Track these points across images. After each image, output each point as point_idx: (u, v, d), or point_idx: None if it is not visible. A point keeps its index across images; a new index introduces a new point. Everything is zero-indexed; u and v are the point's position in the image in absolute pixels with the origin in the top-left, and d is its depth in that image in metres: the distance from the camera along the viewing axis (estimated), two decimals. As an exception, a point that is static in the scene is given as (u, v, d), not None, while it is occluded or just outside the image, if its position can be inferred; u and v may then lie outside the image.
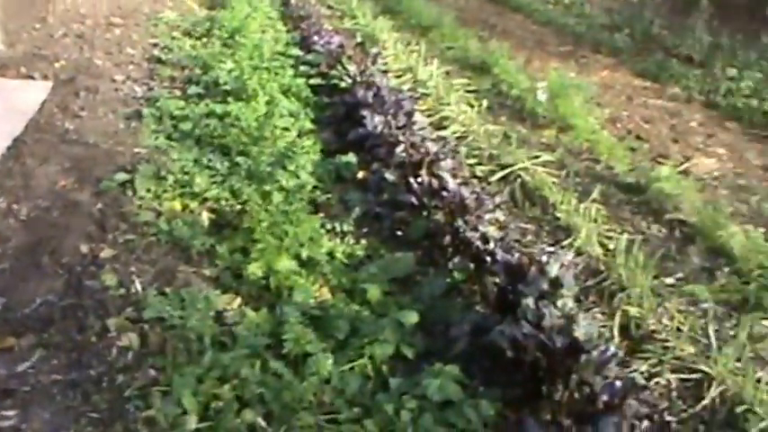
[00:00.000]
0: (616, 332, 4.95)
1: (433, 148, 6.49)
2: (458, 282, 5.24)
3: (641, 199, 6.96)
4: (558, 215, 6.40)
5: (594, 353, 4.02)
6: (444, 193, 5.73)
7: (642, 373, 4.61)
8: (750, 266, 5.75)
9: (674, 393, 4.51)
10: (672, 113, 9.85)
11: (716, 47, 12.62)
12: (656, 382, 4.56)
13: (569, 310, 4.41)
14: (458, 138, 7.95)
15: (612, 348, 4.11)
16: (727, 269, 5.84)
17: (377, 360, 4.41)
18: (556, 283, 4.51)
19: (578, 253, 5.83)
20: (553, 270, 4.59)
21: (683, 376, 4.60)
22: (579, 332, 4.11)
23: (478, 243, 5.13)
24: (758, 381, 4.48)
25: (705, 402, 4.39)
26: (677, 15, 14.90)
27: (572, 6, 16.43)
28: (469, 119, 8.45)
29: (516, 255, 4.79)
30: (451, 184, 5.86)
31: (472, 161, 7.43)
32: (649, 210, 6.79)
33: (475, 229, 5.30)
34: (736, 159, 8.41)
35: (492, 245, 5.07)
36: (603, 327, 4.99)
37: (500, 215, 6.15)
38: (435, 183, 5.90)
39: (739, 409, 4.29)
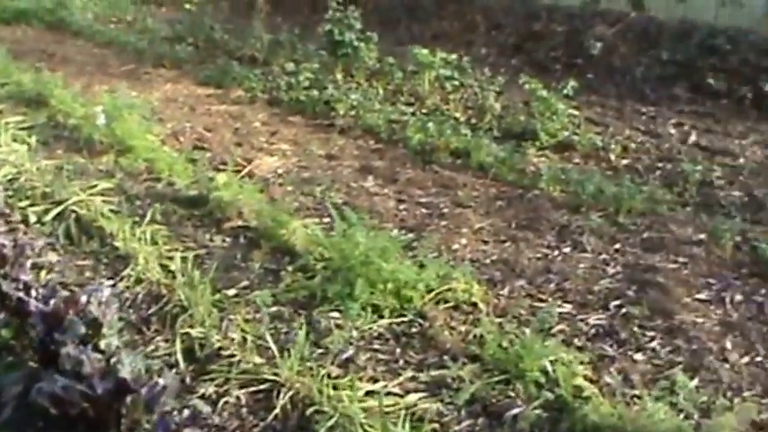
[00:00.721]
0: (180, 358, 4.72)
1: (-36, 200, 5.98)
2: (7, 340, 4.80)
3: (203, 211, 6.78)
4: (117, 244, 6.09)
5: (143, 390, 3.79)
6: (-22, 247, 5.26)
7: (208, 396, 4.42)
8: (312, 260, 5.74)
9: (245, 409, 4.35)
10: (235, 117, 9.84)
11: (276, 44, 12.84)
12: (225, 402, 4.37)
13: (114, 349, 4.15)
14: (9, 180, 7.39)
15: (162, 381, 3.89)
16: (291, 267, 5.78)
17: None
18: (96, 324, 4.23)
19: (138, 280, 5.57)
20: (94, 310, 4.32)
21: (252, 389, 4.45)
22: (125, 371, 3.86)
23: (20, 294, 4.73)
24: (327, 376, 4.43)
25: (276, 411, 4.26)
26: (239, 18, 15.10)
27: (135, 23, 16.12)
28: (22, 157, 7.91)
29: (53, 301, 4.45)
30: (-16, 235, 5.40)
31: (25, 203, 6.92)
32: (212, 221, 6.64)
33: (15, 279, 4.89)
34: (300, 153, 8.51)
35: (34, 294, 4.69)
36: (168, 355, 4.76)
37: (53, 257, 5.79)
38: (-31, 238, 5.41)
39: (309, 411, 4.20)
